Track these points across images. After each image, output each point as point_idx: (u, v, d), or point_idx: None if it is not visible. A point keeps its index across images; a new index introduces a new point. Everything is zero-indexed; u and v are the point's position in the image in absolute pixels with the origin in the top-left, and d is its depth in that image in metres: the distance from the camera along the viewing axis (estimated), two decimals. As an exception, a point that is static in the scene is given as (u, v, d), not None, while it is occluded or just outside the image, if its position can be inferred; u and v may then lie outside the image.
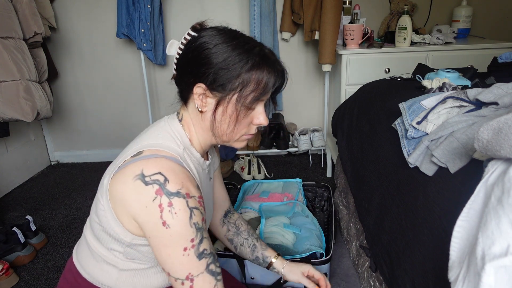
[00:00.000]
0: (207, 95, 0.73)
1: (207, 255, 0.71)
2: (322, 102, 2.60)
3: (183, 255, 0.68)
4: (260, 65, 0.72)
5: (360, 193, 1.24)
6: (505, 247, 0.40)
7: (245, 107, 0.73)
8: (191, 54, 0.73)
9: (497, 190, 0.45)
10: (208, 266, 0.70)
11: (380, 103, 1.28)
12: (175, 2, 2.38)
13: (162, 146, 0.73)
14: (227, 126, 0.75)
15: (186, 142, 0.78)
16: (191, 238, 0.68)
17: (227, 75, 0.70)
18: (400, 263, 0.85)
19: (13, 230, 1.64)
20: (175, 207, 0.66)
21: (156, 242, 0.68)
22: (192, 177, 0.73)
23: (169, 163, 0.69)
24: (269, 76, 0.73)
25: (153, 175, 0.66)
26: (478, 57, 1.93)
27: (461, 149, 0.71)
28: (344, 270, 1.49)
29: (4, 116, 1.81)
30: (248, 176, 2.36)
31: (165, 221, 0.66)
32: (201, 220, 0.70)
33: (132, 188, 0.67)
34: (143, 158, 0.69)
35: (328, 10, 1.99)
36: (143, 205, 0.66)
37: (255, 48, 0.73)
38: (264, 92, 0.74)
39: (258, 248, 1.06)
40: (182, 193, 0.67)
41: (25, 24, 1.88)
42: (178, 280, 0.69)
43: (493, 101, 0.75)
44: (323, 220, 1.72)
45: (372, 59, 1.98)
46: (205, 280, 0.70)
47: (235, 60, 0.70)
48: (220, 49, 0.70)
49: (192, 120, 0.79)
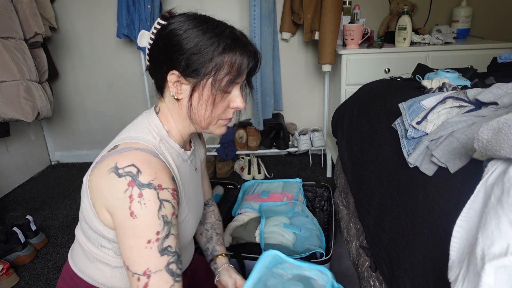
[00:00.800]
0: (181, 82, 0.73)
1: (170, 252, 0.68)
2: (322, 102, 2.60)
3: (145, 248, 0.66)
4: (232, 47, 0.71)
5: (360, 193, 1.24)
6: (505, 247, 0.40)
7: (221, 90, 0.73)
8: (162, 42, 0.72)
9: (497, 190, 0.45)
10: (168, 265, 0.68)
11: (380, 103, 1.29)
12: (175, 2, 2.38)
13: (137, 139, 0.73)
14: (205, 111, 0.74)
15: (163, 133, 0.78)
16: (157, 231, 0.66)
17: (199, 60, 0.70)
18: (400, 263, 0.86)
19: (13, 230, 1.64)
20: (144, 198, 0.65)
21: (121, 232, 0.67)
22: (168, 169, 0.72)
23: (143, 155, 0.69)
24: (242, 58, 0.72)
25: (126, 167, 0.66)
26: (477, 57, 1.93)
27: (461, 149, 0.71)
28: (344, 270, 1.49)
29: (5, 116, 1.82)
30: (248, 176, 2.37)
31: (133, 211, 0.65)
32: (170, 214, 0.68)
33: (106, 181, 0.67)
34: (118, 152, 0.69)
35: (328, 10, 1.99)
36: (115, 197, 0.66)
37: (226, 31, 0.72)
38: (238, 74, 0.73)
39: (213, 241, 1.04)
40: (154, 184, 0.66)
41: (26, 24, 1.88)
42: (135, 275, 0.66)
43: (492, 101, 0.76)
44: (323, 220, 1.72)
45: (372, 59, 1.98)
46: (162, 279, 0.67)
47: (207, 44, 0.70)
48: (191, 34, 0.70)
49: (169, 110, 0.78)
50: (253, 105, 2.25)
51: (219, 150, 2.44)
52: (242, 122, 2.56)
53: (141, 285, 0.66)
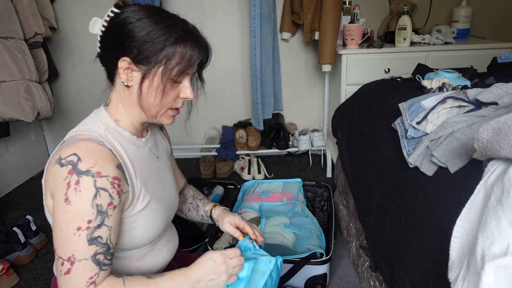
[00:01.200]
0: (132, 69, 0.74)
1: (99, 243, 0.67)
2: (322, 102, 2.60)
3: (73, 234, 0.66)
4: (184, 39, 0.73)
5: (360, 193, 1.24)
6: (505, 247, 0.40)
7: (171, 80, 0.75)
8: (115, 29, 0.73)
9: (496, 190, 0.45)
10: (95, 255, 0.67)
11: (380, 103, 1.29)
12: (175, 2, 2.38)
13: (82, 130, 0.74)
14: (154, 98, 0.75)
15: (110, 123, 0.79)
16: (89, 219, 0.66)
17: (151, 48, 0.71)
18: (400, 263, 0.86)
19: (13, 230, 1.64)
20: (81, 185, 0.66)
21: (55, 218, 0.67)
22: (113, 157, 0.72)
23: (86, 144, 0.70)
24: (193, 50, 0.74)
25: (68, 157, 0.67)
26: (477, 57, 1.93)
27: (461, 149, 0.71)
28: (344, 270, 1.49)
29: (5, 116, 1.82)
30: (248, 176, 2.36)
31: (67, 197, 0.66)
32: (106, 204, 0.68)
33: (51, 172, 0.69)
34: (64, 145, 0.71)
35: (328, 10, 1.99)
36: (56, 185, 0.68)
37: (179, 23, 0.74)
38: (188, 65, 0.75)
39: (201, 207, 1.06)
40: (92, 171, 0.67)
41: (26, 24, 1.88)
42: (60, 259, 0.67)
43: (492, 101, 0.76)
44: (323, 220, 1.73)
45: (372, 59, 1.98)
46: (86, 268, 0.66)
47: (159, 34, 0.71)
48: (144, 23, 0.71)
49: (120, 97, 0.79)
50: (253, 105, 2.25)
51: (219, 150, 2.44)
52: (242, 122, 2.56)
53: (64, 270, 0.66)
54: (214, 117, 2.67)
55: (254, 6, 2.02)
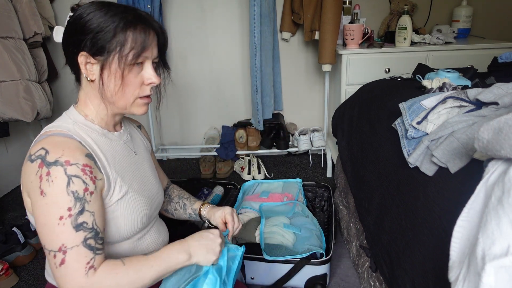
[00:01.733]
0: (91, 62, 0.75)
1: (86, 228, 0.68)
2: (322, 102, 2.60)
3: (58, 224, 0.66)
4: (133, 23, 0.74)
5: (360, 193, 1.24)
6: (505, 247, 0.40)
7: (129, 65, 0.76)
8: (70, 28, 0.76)
9: (497, 190, 0.44)
10: (86, 240, 0.68)
11: (380, 103, 1.28)
12: (175, 2, 2.38)
13: (51, 127, 0.77)
14: (114, 86, 0.76)
15: (78, 118, 0.80)
16: (68, 207, 0.67)
17: (103, 37, 0.73)
18: (400, 263, 0.85)
19: (12, 230, 1.64)
20: (52, 175, 0.67)
21: (35, 213, 0.68)
22: (82, 146, 0.74)
23: (53, 138, 0.72)
24: (145, 32, 0.76)
25: (37, 152, 0.69)
26: (478, 57, 1.93)
27: (461, 149, 0.71)
28: (344, 270, 1.48)
29: (4, 116, 1.81)
30: (248, 176, 2.36)
31: (42, 189, 0.67)
32: (82, 190, 0.69)
33: (24, 169, 0.71)
34: (34, 143, 0.73)
35: (328, 10, 1.99)
36: (29, 180, 0.69)
37: (128, 10, 0.76)
38: (142, 48, 0.76)
39: (188, 206, 1.07)
40: (61, 161, 0.68)
41: (25, 24, 1.88)
42: (51, 252, 0.67)
43: (493, 101, 0.75)
44: (323, 220, 1.72)
45: (372, 59, 1.98)
46: (80, 254, 0.67)
47: (108, 22, 0.73)
48: (94, 15, 0.73)
49: (87, 94, 0.81)
50: (253, 105, 2.25)
51: (219, 150, 2.44)
52: (242, 122, 2.56)
53: (58, 262, 0.66)
54: (214, 117, 2.67)
55: (254, 5, 2.02)
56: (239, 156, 2.49)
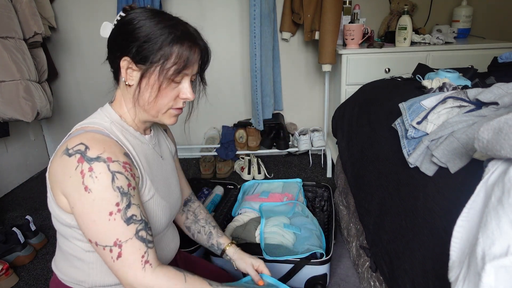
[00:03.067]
0: (132, 68, 0.76)
1: (136, 221, 0.70)
2: (322, 102, 2.60)
3: (109, 220, 0.67)
4: (181, 39, 0.75)
5: (360, 193, 1.23)
6: (505, 247, 0.40)
7: (168, 79, 0.76)
8: (118, 31, 0.77)
9: (497, 190, 0.44)
10: (137, 232, 0.70)
11: (380, 103, 1.28)
12: (175, 2, 2.38)
13: (88, 123, 0.77)
14: (149, 95, 0.77)
15: (115, 117, 0.81)
16: (116, 202, 0.68)
17: (149, 48, 0.74)
18: (400, 263, 0.85)
19: (12, 230, 1.64)
20: (95, 171, 0.67)
21: (80, 210, 0.68)
22: (120, 145, 0.74)
23: (92, 134, 0.72)
24: (190, 50, 0.76)
25: (75, 146, 0.69)
26: (478, 57, 1.93)
27: (461, 149, 0.71)
28: (344, 270, 1.48)
29: (4, 116, 1.81)
30: (248, 176, 2.36)
31: (86, 186, 0.67)
32: (126, 185, 0.70)
33: (59, 163, 0.70)
34: (70, 137, 0.73)
35: (328, 10, 1.99)
36: (67, 176, 0.68)
37: (179, 25, 0.77)
38: (185, 65, 0.76)
39: (214, 236, 1.07)
40: (103, 157, 0.68)
41: (25, 24, 1.88)
42: (107, 247, 0.68)
43: (493, 101, 0.75)
44: (323, 220, 1.72)
45: (372, 59, 1.98)
46: (135, 246, 0.69)
47: (157, 34, 0.74)
48: (144, 24, 0.74)
49: (123, 96, 0.82)
50: (253, 105, 2.25)
51: (219, 150, 2.44)
52: (242, 122, 2.56)
53: (115, 256, 0.68)
54: (214, 117, 2.66)
55: (254, 6, 2.02)
56: (239, 156, 2.49)
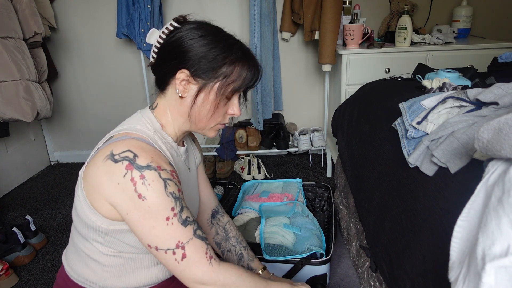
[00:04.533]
0: (189, 81, 0.76)
1: (191, 222, 0.72)
2: (322, 102, 2.60)
3: (167, 225, 0.68)
4: (242, 59, 0.77)
5: (360, 193, 1.23)
6: (506, 247, 0.40)
7: (225, 96, 0.78)
8: (177, 42, 0.76)
9: (497, 190, 0.44)
10: (195, 232, 0.72)
11: (380, 103, 1.28)
12: (175, 2, 2.38)
13: (131, 130, 0.76)
14: (207, 112, 0.78)
15: (157, 126, 0.81)
16: (171, 207, 0.69)
17: (211, 64, 0.75)
18: (400, 263, 0.85)
19: (12, 230, 1.64)
20: (147, 179, 0.67)
21: (136, 217, 0.68)
22: (164, 155, 0.75)
23: (138, 142, 0.71)
24: (249, 70, 0.79)
25: (122, 153, 0.68)
26: (478, 57, 1.93)
27: (461, 149, 0.71)
28: (344, 270, 1.48)
29: (4, 116, 1.81)
30: (248, 176, 2.36)
31: (140, 193, 0.67)
32: (177, 191, 0.71)
33: (103, 169, 0.69)
34: (112, 141, 0.72)
35: (328, 10, 1.99)
36: (115, 182, 0.67)
37: (237, 44, 0.79)
38: (243, 84, 0.78)
39: (245, 258, 1.06)
40: (153, 165, 0.68)
41: (25, 24, 1.88)
42: (169, 250, 0.69)
43: (493, 101, 0.75)
44: (323, 220, 1.72)
45: (372, 59, 1.98)
46: (196, 245, 0.71)
47: (219, 52, 0.75)
48: (205, 40, 0.75)
49: (169, 106, 0.81)
50: (253, 105, 2.25)
51: (219, 150, 2.44)
52: (242, 122, 2.56)
53: (179, 257, 0.69)
54: (214, 117, 2.66)
55: (254, 6, 2.02)
56: (239, 156, 2.49)
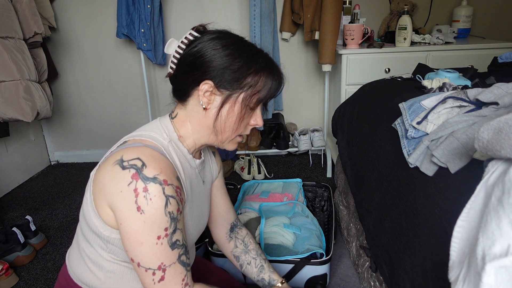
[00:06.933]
0: (213, 92, 0.74)
1: (179, 246, 0.71)
2: (322, 102, 2.60)
3: (156, 244, 0.67)
4: (268, 69, 0.76)
5: (360, 193, 1.23)
6: (506, 247, 0.40)
7: (249, 107, 0.76)
8: (199, 52, 0.74)
9: (497, 190, 0.44)
10: (180, 257, 0.71)
11: (380, 103, 1.28)
12: (175, 2, 2.38)
13: (146, 137, 0.75)
14: (233, 124, 0.77)
15: (173, 136, 0.79)
16: (165, 227, 0.68)
17: (236, 75, 0.73)
18: (400, 263, 0.85)
19: (12, 230, 1.64)
20: (150, 193, 0.66)
21: (129, 228, 0.67)
22: (174, 168, 0.73)
23: (150, 151, 0.70)
24: (274, 81, 0.77)
25: (131, 160, 0.67)
26: (478, 57, 1.93)
27: (461, 149, 0.71)
28: (344, 270, 1.48)
29: (4, 116, 1.81)
30: (248, 176, 2.36)
31: (139, 206, 0.65)
32: (176, 211, 0.70)
33: (109, 172, 0.68)
34: (126, 146, 0.71)
35: (328, 10, 1.99)
36: (118, 189, 0.66)
37: (261, 53, 0.77)
38: (268, 94, 0.77)
39: (266, 270, 1.04)
40: (159, 179, 0.67)
41: (25, 24, 1.88)
42: (149, 270, 0.68)
43: (493, 101, 0.75)
44: (323, 220, 1.72)
45: (372, 59, 1.98)
46: (177, 271, 0.70)
47: (243, 62, 0.73)
48: (229, 50, 0.73)
49: (189, 117, 0.79)
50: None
51: (219, 150, 2.43)
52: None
53: (157, 279, 0.69)
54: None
55: (254, 6, 2.02)
56: (239, 156, 2.49)
